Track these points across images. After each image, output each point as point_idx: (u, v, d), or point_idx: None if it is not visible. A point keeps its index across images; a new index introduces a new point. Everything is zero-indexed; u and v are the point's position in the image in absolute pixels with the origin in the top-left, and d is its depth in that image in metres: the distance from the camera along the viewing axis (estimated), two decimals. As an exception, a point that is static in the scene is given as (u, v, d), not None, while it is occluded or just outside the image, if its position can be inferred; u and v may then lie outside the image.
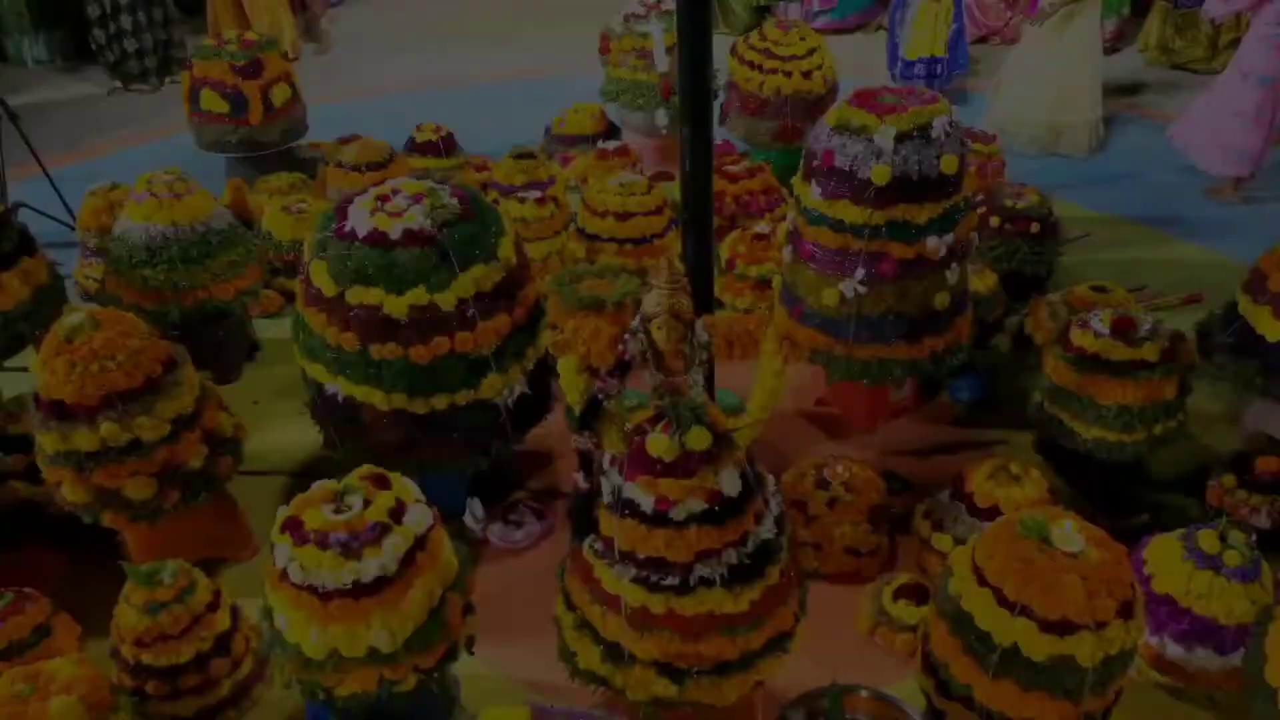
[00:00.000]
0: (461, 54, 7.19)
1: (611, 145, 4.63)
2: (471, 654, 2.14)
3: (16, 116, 4.13)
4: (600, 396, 1.89)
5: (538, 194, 3.84)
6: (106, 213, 3.75)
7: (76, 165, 5.18)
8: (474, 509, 2.78)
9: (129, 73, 6.46)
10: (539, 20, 7.82)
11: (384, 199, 2.51)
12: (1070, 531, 1.92)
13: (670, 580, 1.84)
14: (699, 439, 1.80)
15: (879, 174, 2.68)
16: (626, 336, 1.84)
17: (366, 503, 1.98)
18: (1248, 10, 4.51)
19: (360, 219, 2.45)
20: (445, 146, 4.67)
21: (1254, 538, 2.36)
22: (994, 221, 3.69)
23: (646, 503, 1.81)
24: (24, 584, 2.48)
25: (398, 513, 1.98)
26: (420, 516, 2.01)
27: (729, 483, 1.82)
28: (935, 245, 2.79)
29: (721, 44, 4.12)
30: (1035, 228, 3.68)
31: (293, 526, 1.95)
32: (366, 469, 2.09)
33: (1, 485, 2.74)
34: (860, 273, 2.80)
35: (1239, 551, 2.29)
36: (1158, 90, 6.20)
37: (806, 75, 4.39)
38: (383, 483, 2.06)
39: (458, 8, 8.22)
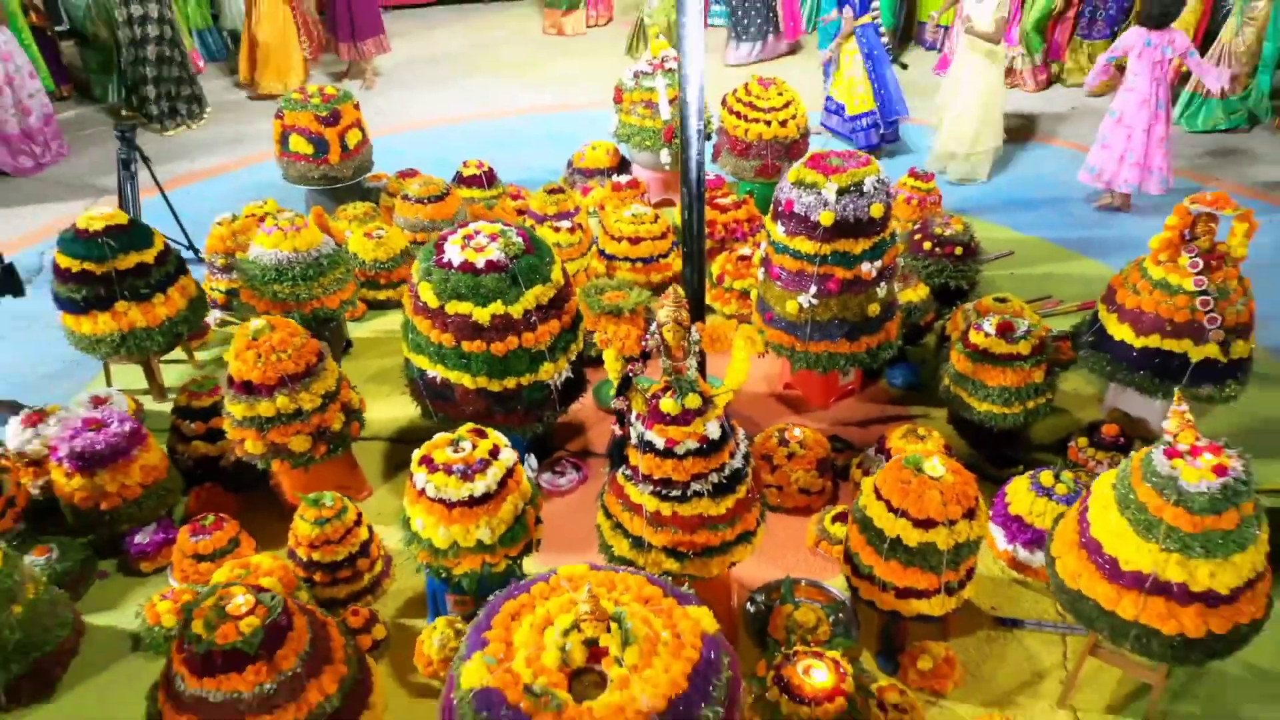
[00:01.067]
0: (491, 91, 8.15)
1: (624, 178, 5.64)
2: (537, 550, 3.15)
3: (148, 160, 5.11)
4: (630, 375, 2.92)
5: (568, 224, 4.84)
6: (230, 239, 4.76)
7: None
8: (530, 462, 3.79)
9: (149, 114, 7.35)
10: (558, 61, 8.81)
11: (469, 238, 3.51)
12: (935, 464, 2.93)
13: (675, 493, 2.85)
14: (693, 401, 2.80)
15: (825, 218, 3.69)
16: (647, 337, 2.86)
17: (474, 446, 2.99)
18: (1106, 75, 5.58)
19: (454, 252, 3.45)
20: (487, 179, 5.68)
21: (1091, 480, 3.36)
22: (927, 245, 4.69)
23: (659, 443, 2.82)
24: (212, 512, 3.50)
25: (494, 453, 2.98)
26: (508, 456, 3.02)
27: (713, 430, 2.83)
28: (868, 269, 3.80)
29: (714, 93, 5.16)
30: (959, 250, 4.67)
31: (427, 461, 2.95)
32: (469, 426, 3.10)
33: (188, 444, 3.74)
34: (813, 289, 3.81)
35: (1066, 485, 3.31)
36: (1077, 122, 7.21)
37: (783, 124, 5.39)
38: (481, 434, 3.06)
39: (485, 49, 9.19)
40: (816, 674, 2.68)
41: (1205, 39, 7.25)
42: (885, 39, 6.68)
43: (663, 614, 2.38)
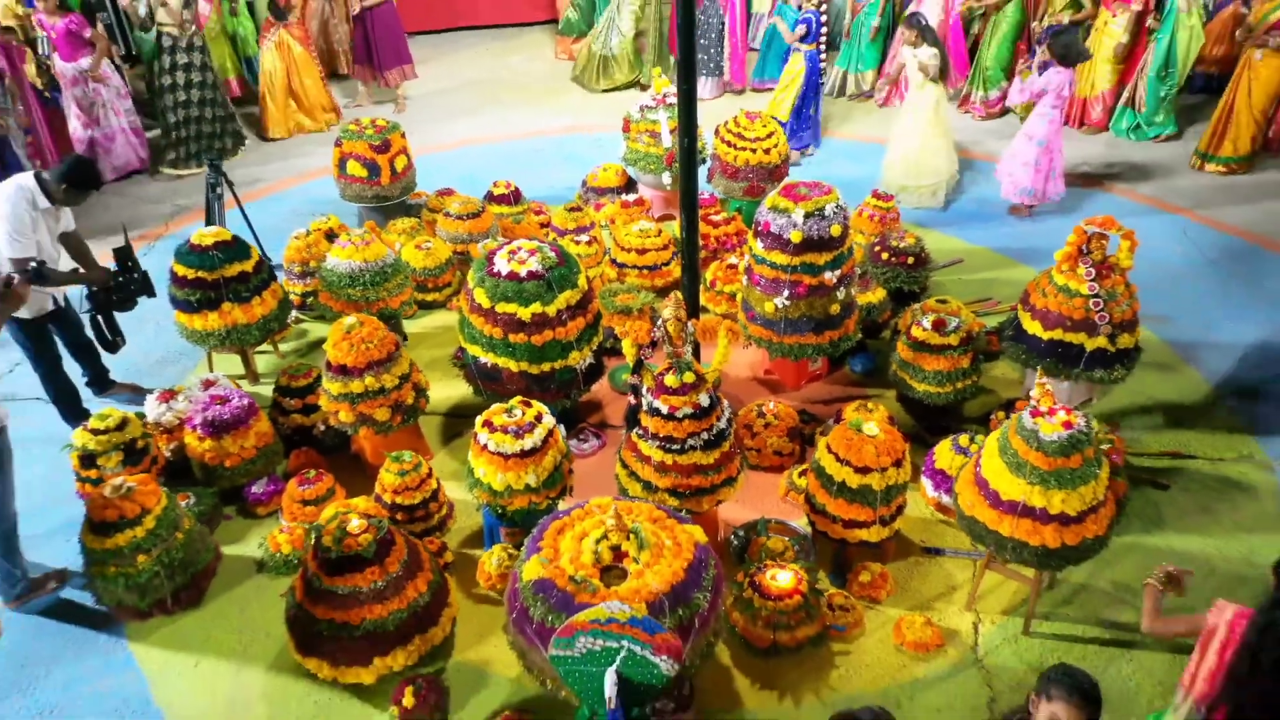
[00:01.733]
0: (511, 115, 9.10)
1: (631, 197, 6.58)
2: (569, 494, 4.10)
3: (231, 183, 6.04)
4: (642, 359, 3.87)
5: (585, 237, 5.78)
6: (305, 249, 5.71)
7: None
8: (559, 431, 4.73)
9: (184, 155, 8.09)
10: (570, 86, 9.75)
11: (513, 253, 4.44)
12: (871, 427, 3.87)
13: (675, 447, 3.79)
14: (689, 378, 3.75)
15: (795, 236, 4.63)
16: (654, 329, 3.81)
17: (522, 413, 3.94)
18: (1035, 99, 6.56)
19: (503, 264, 4.39)
20: (514, 197, 6.62)
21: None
22: (884, 255, 5.62)
23: (664, 409, 3.76)
24: (310, 469, 4.44)
25: (538, 418, 3.93)
26: (548, 420, 3.96)
27: (704, 400, 3.78)
28: (830, 277, 4.75)
29: (707, 122, 6.11)
30: (911, 260, 5.60)
31: (488, 424, 3.89)
32: (518, 398, 4.04)
33: (287, 416, 4.69)
34: (785, 293, 4.76)
35: (978, 445, 4.26)
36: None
37: (766, 151, 6.33)
38: (528, 404, 4.00)
39: (505, 74, 10.13)
40: (781, 577, 3.63)
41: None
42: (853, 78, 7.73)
43: (667, 529, 3.33)
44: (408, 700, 3.44)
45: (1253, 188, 7.40)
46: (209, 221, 5.85)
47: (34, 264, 4.33)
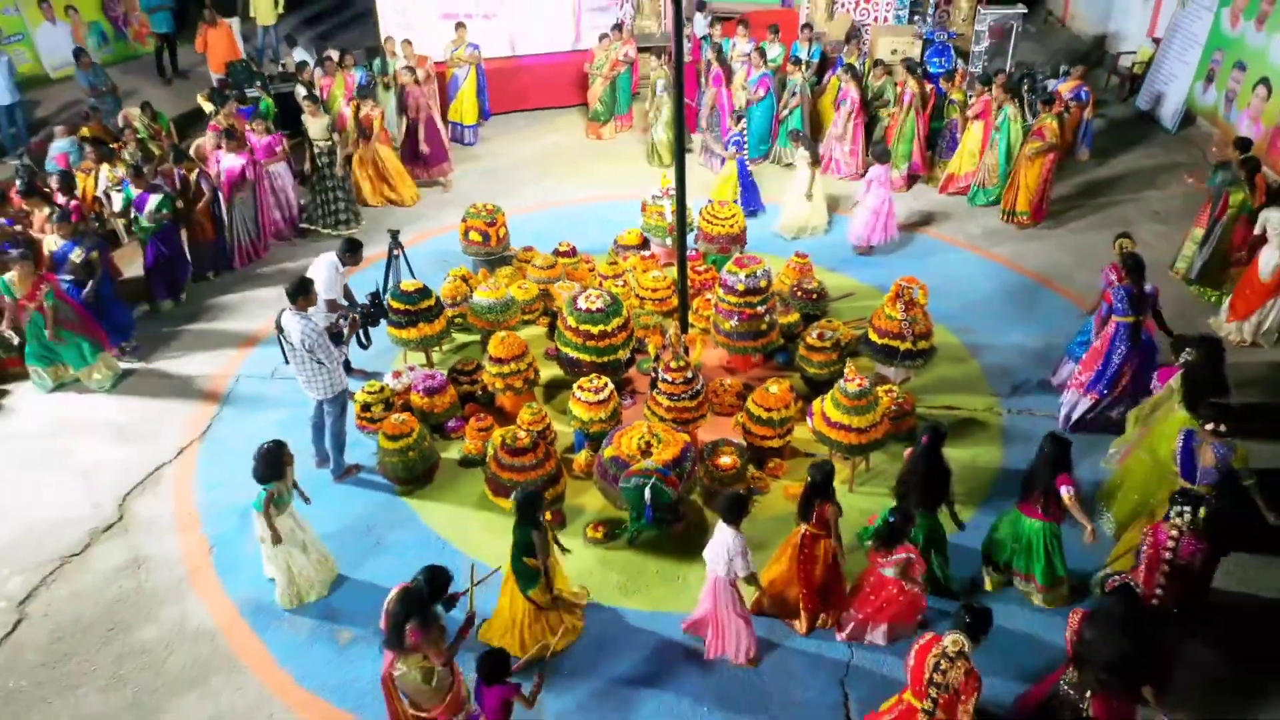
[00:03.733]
0: (558, 185, 12.89)
1: (646, 253, 10.35)
2: (620, 421, 7.90)
3: (403, 247, 9.76)
4: (659, 352, 7.73)
5: (620, 280, 9.56)
6: (453, 288, 9.48)
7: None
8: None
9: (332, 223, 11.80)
10: (600, 161, 13.54)
11: (587, 296, 8.24)
12: (774, 388, 7.68)
13: (675, 398, 7.61)
14: (681, 363, 7.57)
15: (740, 287, 8.43)
16: (664, 338, 7.64)
17: (596, 379, 7.73)
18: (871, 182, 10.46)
19: (582, 302, 8.18)
20: (572, 252, 10.39)
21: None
22: (799, 293, 9.43)
23: (669, 378, 7.58)
24: (479, 413, 8.23)
25: (605, 384, 7.74)
26: (610, 385, 7.77)
27: (690, 374, 7.60)
28: (761, 309, 8.55)
29: (693, 196, 9.92)
30: (815, 295, 9.43)
31: (580, 386, 7.70)
32: (594, 374, 7.83)
33: (459, 385, 8.49)
34: (735, 319, 8.56)
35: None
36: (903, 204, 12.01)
37: (731, 225, 10.13)
38: (599, 376, 7.80)
39: (548, 151, 13.91)
40: (724, 458, 7.44)
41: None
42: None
43: (671, 433, 7.17)
44: (549, 515, 7.25)
45: (1031, 237, 11.23)
46: (386, 270, 9.59)
47: (361, 305, 8.17)
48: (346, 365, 8.84)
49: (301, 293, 7.08)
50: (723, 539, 5.73)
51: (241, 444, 7.81)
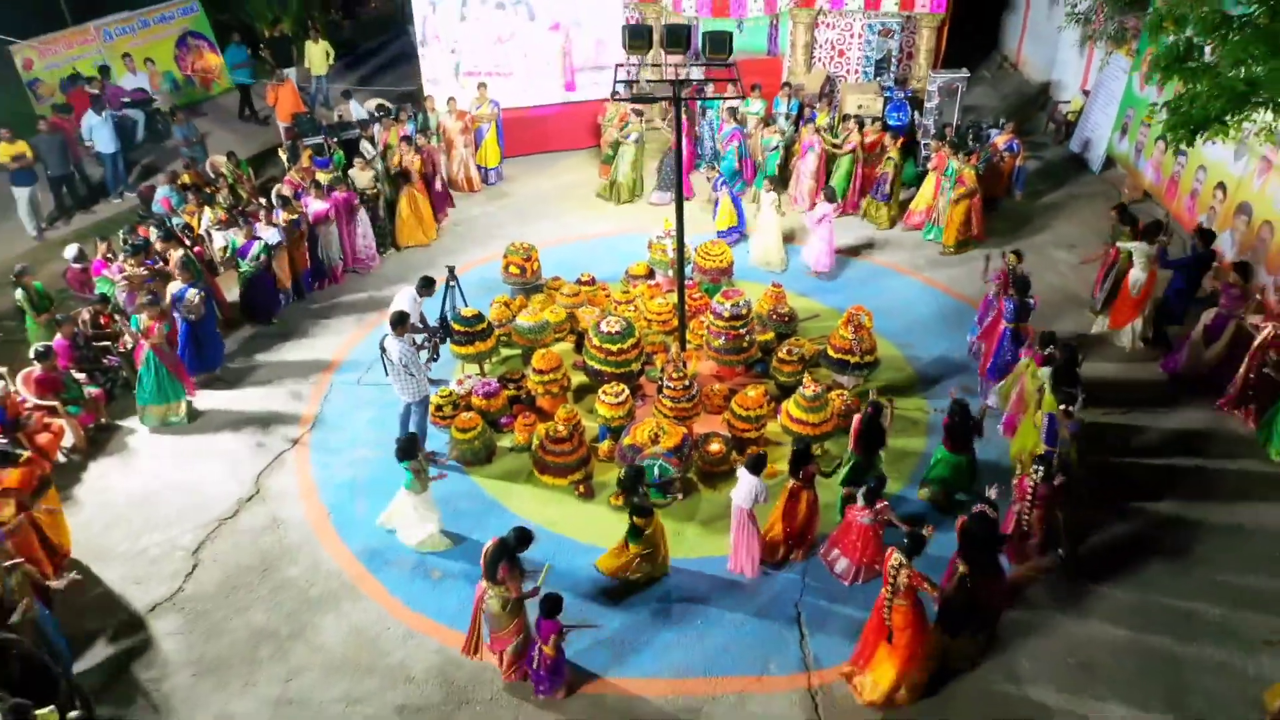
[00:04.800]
0: (575, 221, 15.31)
1: (652, 282, 12.78)
2: (635, 417, 10.36)
3: (456, 276, 12.16)
4: (661, 367, 10.21)
5: (631, 306, 12.00)
6: (501, 311, 11.91)
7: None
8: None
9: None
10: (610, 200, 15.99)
11: (608, 321, 10.68)
12: (751, 392, 10.13)
13: (678, 400, 10.06)
14: (680, 373, 10.02)
15: (726, 313, 10.89)
16: (667, 353, 10.10)
17: (617, 385, 10.19)
18: (820, 219, 12.95)
19: (604, 325, 10.62)
20: (592, 281, 12.82)
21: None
22: (774, 316, 11.88)
23: (672, 385, 10.04)
24: (523, 412, 10.67)
25: (622, 390, 10.19)
26: (626, 391, 10.22)
27: (688, 382, 10.05)
28: (743, 331, 11.00)
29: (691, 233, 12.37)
30: (787, 318, 11.88)
31: (603, 391, 10.16)
32: (614, 382, 10.29)
33: (508, 390, 10.93)
34: (723, 339, 11.01)
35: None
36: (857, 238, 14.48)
37: (720, 259, 12.59)
38: (618, 383, 10.25)
39: (564, 190, 16.33)
40: (713, 445, 9.89)
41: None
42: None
43: (673, 426, 9.64)
44: (581, 489, 9.69)
45: (964, 263, 13.69)
46: (444, 298, 11.99)
47: (433, 327, 10.61)
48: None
49: (400, 323, 9.52)
50: (750, 483, 8.31)
51: (341, 434, 10.26)
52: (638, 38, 9.57)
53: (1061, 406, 8.79)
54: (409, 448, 8.73)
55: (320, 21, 19.96)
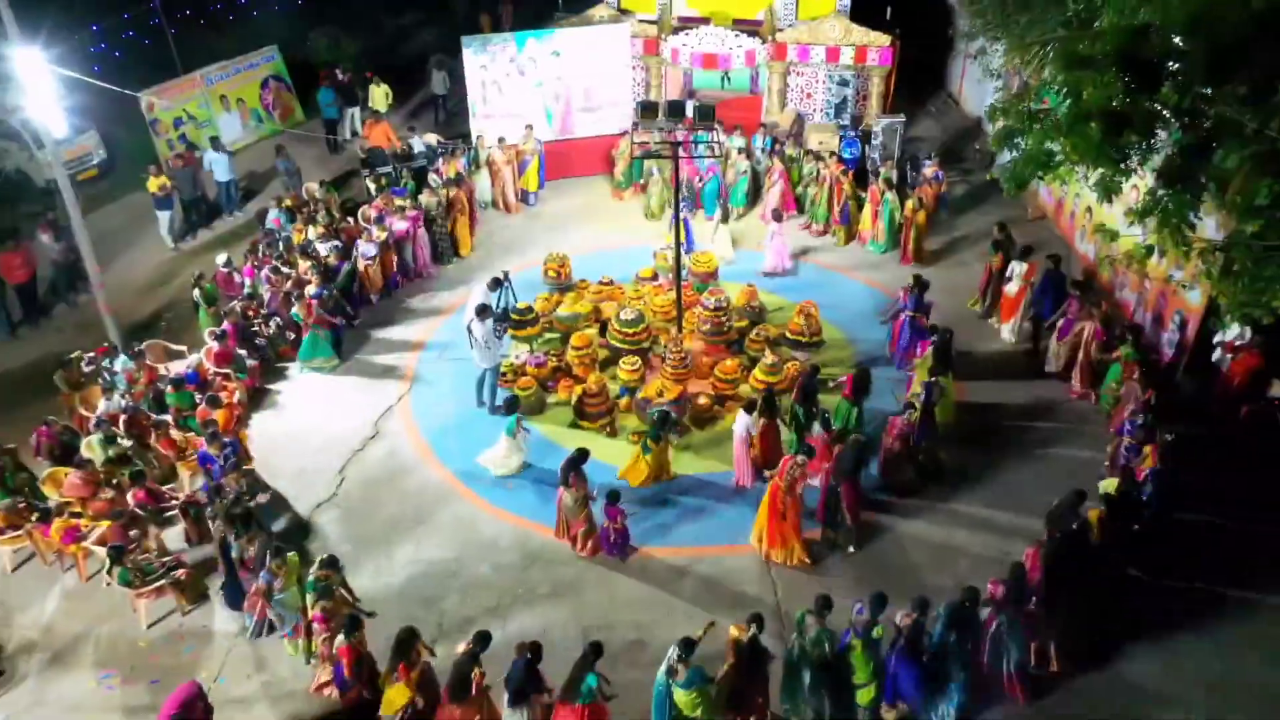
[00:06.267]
0: (593, 234, 19.28)
1: (656, 283, 16.77)
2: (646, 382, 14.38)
3: (510, 278, 16.09)
4: (667, 345, 14.30)
5: (642, 302, 15.99)
6: (547, 303, 15.91)
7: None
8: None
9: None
10: (621, 217, 19.95)
11: (626, 311, 14.69)
12: (729, 362, 14.16)
13: (675, 367, 14.11)
14: (678, 350, 14.05)
15: (711, 306, 14.91)
16: (669, 336, 14.16)
17: (636, 362, 14.21)
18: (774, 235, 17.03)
19: (624, 314, 14.64)
20: (610, 282, 16.81)
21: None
22: (748, 308, 15.88)
23: (672, 358, 14.08)
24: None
25: (638, 363, 14.22)
26: (641, 364, 14.25)
27: (684, 356, 14.09)
28: (723, 319, 15.02)
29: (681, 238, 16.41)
30: (758, 309, 15.88)
31: (624, 362, 14.18)
32: (632, 356, 14.30)
33: (550, 361, 14.96)
34: (709, 325, 15.04)
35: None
36: (821, 251, 18.51)
37: (708, 266, 16.61)
38: (634, 372, 14.28)
39: (583, 209, 20.31)
40: (702, 399, 13.92)
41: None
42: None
43: (674, 385, 13.69)
44: (608, 430, 13.72)
45: (897, 269, 17.69)
46: (499, 295, 15.95)
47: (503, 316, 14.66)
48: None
49: (483, 311, 13.54)
50: (744, 420, 12.33)
51: (431, 392, 14.36)
52: (649, 111, 13.61)
53: (935, 377, 12.77)
54: (512, 405, 12.75)
55: (370, 68, 23.76)
